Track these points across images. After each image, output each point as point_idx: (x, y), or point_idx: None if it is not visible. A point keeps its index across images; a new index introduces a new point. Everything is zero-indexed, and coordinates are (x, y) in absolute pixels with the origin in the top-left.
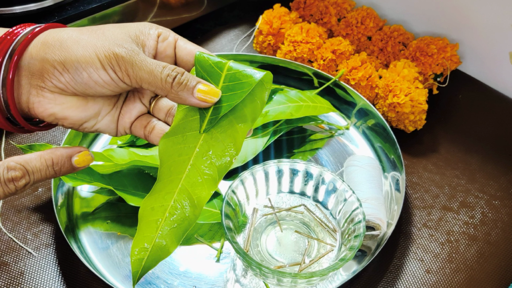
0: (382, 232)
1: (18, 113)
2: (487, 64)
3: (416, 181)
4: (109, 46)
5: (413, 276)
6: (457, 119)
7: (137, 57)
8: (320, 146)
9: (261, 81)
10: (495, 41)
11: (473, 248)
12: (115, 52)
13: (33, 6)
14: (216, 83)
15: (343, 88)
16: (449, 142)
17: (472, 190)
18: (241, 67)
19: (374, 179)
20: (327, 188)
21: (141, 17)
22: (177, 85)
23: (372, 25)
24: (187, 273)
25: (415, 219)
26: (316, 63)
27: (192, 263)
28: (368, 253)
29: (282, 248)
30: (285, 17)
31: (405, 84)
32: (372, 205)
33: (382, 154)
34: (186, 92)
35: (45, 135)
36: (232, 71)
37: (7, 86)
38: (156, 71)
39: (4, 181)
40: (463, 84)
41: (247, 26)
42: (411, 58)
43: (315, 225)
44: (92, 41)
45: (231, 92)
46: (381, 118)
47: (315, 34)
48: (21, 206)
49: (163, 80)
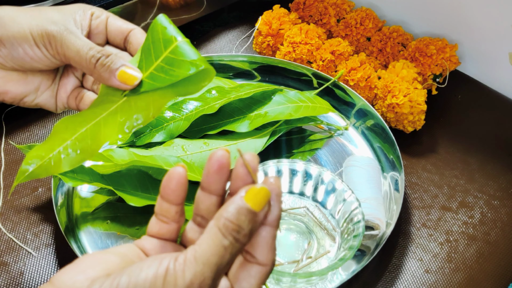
0: (381, 232)
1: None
2: (486, 64)
3: (415, 181)
4: (43, 24)
5: (412, 275)
6: (456, 120)
7: (68, 36)
8: (319, 147)
9: (194, 77)
10: (494, 42)
11: (472, 247)
12: (47, 30)
13: (32, 7)
14: (153, 59)
15: (342, 89)
16: (448, 142)
17: (471, 190)
18: (188, 53)
19: (373, 179)
20: (327, 188)
21: (140, 18)
22: (100, 66)
23: (371, 26)
24: None
25: (414, 219)
26: (315, 63)
27: None
28: (367, 253)
29: (281, 248)
30: (284, 18)
31: (404, 84)
32: (371, 205)
33: (381, 154)
34: (108, 73)
35: (45, 135)
36: (173, 55)
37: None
38: (82, 51)
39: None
40: (462, 85)
41: (247, 27)
42: (410, 58)
43: (314, 225)
44: (27, 20)
45: (162, 74)
46: (380, 119)
47: (314, 35)
48: (21, 206)
49: (88, 60)
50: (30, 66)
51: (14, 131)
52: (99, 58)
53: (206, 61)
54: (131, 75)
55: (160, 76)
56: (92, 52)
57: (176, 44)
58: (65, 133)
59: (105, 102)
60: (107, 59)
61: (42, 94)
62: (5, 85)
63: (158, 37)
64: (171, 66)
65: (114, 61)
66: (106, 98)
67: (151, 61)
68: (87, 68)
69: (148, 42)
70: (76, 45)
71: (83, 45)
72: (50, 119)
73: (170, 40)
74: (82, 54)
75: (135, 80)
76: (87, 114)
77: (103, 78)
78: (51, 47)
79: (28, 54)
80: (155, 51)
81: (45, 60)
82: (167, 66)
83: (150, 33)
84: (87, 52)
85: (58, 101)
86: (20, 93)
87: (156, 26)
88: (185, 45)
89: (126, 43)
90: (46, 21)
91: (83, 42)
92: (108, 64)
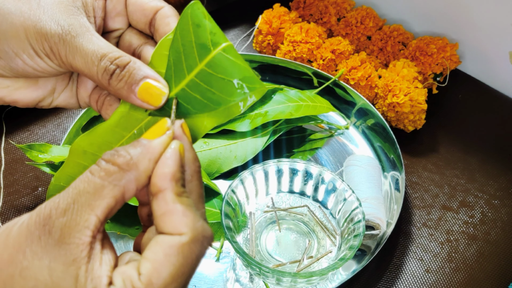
0: (382, 232)
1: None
2: (487, 63)
3: (416, 181)
4: (41, 23)
5: (413, 275)
6: (456, 119)
7: (72, 40)
8: (319, 146)
9: (238, 103)
10: (495, 41)
11: (473, 247)
12: (47, 33)
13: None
14: (184, 70)
15: (342, 88)
16: (448, 141)
17: (471, 190)
18: (231, 67)
19: (373, 178)
20: (327, 187)
21: None
22: (115, 81)
23: (372, 25)
24: None
25: (414, 218)
26: (315, 63)
27: None
28: (368, 253)
29: (281, 248)
30: (284, 16)
31: (404, 83)
32: (372, 205)
33: (382, 154)
34: (126, 90)
35: (45, 135)
36: (210, 70)
37: None
38: (91, 63)
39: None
40: (462, 84)
41: (247, 26)
42: (411, 57)
43: (315, 225)
44: (21, 18)
45: (196, 94)
46: (380, 118)
47: (315, 34)
48: (21, 206)
49: (99, 74)
50: (36, 76)
51: (14, 130)
52: (114, 71)
53: (257, 77)
54: (155, 93)
55: (194, 98)
56: (104, 63)
57: (215, 53)
58: (83, 159)
59: (127, 119)
60: (124, 71)
61: (59, 96)
62: (13, 94)
63: (189, 38)
64: (208, 85)
65: (133, 74)
66: (128, 115)
67: (181, 71)
68: (100, 84)
69: (178, 44)
70: (84, 53)
71: (92, 53)
72: (50, 118)
73: (206, 45)
74: (91, 66)
75: (160, 99)
76: (107, 135)
77: (121, 95)
78: (55, 57)
79: (29, 65)
80: (186, 58)
81: (52, 70)
82: (203, 85)
83: (179, 29)
84: (98, 64)
85: (80, 100)
86: (33, 100)
87: (186, 20)
88: (228, 55)
89: (152, 28)
90: (46, 17)
91: (93, 48)
92: (125, 78)
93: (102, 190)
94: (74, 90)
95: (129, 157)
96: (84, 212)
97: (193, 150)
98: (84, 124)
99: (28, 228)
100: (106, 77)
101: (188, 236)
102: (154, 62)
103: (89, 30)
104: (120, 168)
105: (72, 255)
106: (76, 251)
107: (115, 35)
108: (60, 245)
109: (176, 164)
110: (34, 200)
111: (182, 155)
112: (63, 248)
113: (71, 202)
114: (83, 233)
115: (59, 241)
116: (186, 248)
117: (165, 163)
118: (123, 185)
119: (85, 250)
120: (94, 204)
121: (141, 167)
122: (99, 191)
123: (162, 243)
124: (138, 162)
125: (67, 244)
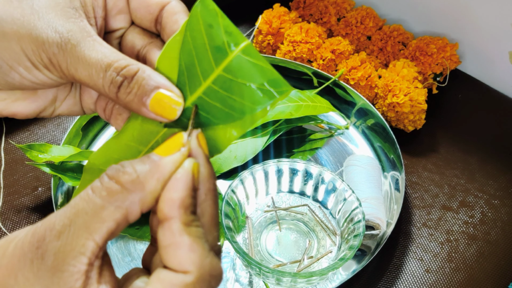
0: (382, 232)
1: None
2: (487, 63)
3: (416, 181)
4: (37, 31)
5: (413, 275)
6: (456, 119)
7: (73, 50)
8: (319, 146)
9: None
10: (495, 41)
11: (473, 247)
12: (44, 41)
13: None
14: (199, 76)
15: (342, 88)
16: (448, 141)
17: (471, 190)
18: (250, 69)
19: (373, 178)
20: (327, 187)
21: None
22: (123, 94)
23: (372, 25)
24: None
25: (414, 218)
26: (315, 62)
27: None
28: (368, 253)
29: (281, 248)
30: (284, 16)
31: (404, 83)
32: (372, 205)
33: (382, 154)
34: (137, 103)
35: (45, 135)
36: (229, 75)
37: None
38: (96, 75)
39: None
40: (462, 84)
41: (247, 26)
42: (411, 57)
43: (315, 225)
44: (13, 26)
45: (216, 102)
46: (380, 118)
47: (315, 34)
48: (21, 206)
49: (106, 86)
50: (34, 88)
51: (14, 130)
52: (121, 83)
53: (283, 78)
54: (169, 104)
55: (214, 106)
56: (110, 74)
57: (232, 56)
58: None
59: (140, 132)
60: (133, 82)
61: (62, 104)
62: (10, 107)
63: (201, 40)
64: (228, 92)
65: (142, 85)
66: (141, 127)
67: (196, 76)
68: (107, 97)
69: (189, 47)
70: (87, 64)
71: (96, 63)
72: (50, 118)
73: (222, 48)
74: (96, 79)
75: (175, 112)
76: (123, 151)
77: (132, 109)
78: (55, 69)
79: (27, 78)
80: (200, 62)
81: (52, 82)
82: (222, 92)
83: (189, 30)
84: (104, 76)
85: (84, 107)
86: (33, 111)
87: (195, 19)
88: (248, 57)
89: (158, 25)
90: (42, 23)
91: (96, 56)
92: (135, 90)
93: (102, 212)
94: (77, 97)
95: (135, 175)
96: (81, 236)
97: (209, 165)
98: (84, 124)
99: (22, 249)
100: (113, 90)
101: (193, 275)
102: (161, 67)
103: (91, 35)
104: (123, 187)
105: (65, 284)
106: (70, 280)
107: (117, 35)
108: (54, 272)
109: (186, 188)
110: (34, 200)
111: (195, 175)
112: (56, 276)
113: (67, 224)
114: (78, 260)
115: (52, 268)
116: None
117: (174, 186)
118: (126, 207)
119: (80, 279)
120: (92, 228)
121: (148, 187)
122: (98, 212)
123: (164, 280)
124: (145, 181)
125: (60, 271)
